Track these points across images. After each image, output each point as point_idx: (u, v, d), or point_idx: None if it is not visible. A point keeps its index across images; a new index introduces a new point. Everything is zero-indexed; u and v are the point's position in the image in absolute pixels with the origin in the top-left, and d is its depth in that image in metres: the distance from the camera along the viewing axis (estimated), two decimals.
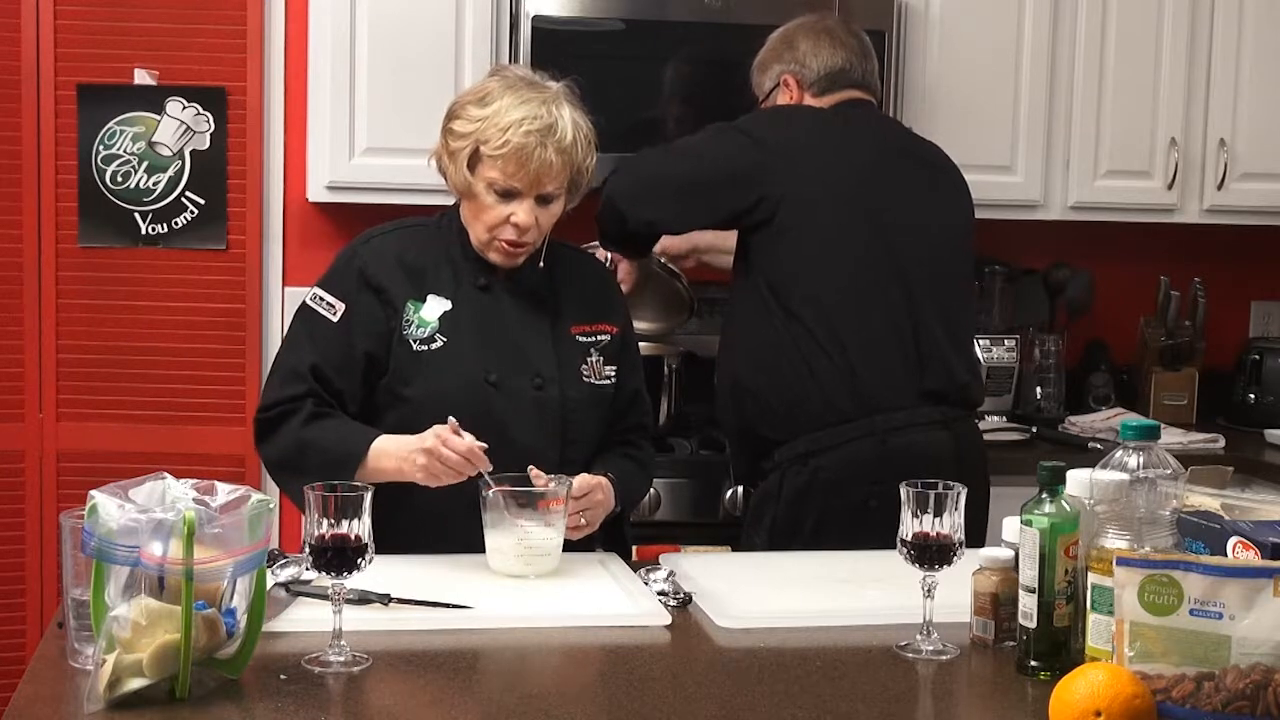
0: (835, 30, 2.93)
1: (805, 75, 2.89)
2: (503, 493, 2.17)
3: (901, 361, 2.71)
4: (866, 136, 2.86)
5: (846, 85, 2.90)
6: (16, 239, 3.53)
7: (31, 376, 3.56)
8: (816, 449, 2.69)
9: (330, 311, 2.35)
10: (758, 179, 2.73)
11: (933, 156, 2.92)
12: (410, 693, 1.74)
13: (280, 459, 2.33)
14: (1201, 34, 3.72)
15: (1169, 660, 1.63)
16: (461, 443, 2.18)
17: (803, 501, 2.69)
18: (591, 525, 2.31)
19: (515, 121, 2.27)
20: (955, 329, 2.81)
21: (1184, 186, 3.75)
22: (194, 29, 3.54)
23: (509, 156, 2.28)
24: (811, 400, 2.69)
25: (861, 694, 1.76)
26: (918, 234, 2.77)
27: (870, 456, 2.64)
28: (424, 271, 2.38)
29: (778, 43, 2.96)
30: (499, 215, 2.32)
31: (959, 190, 2.91)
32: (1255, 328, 4.18)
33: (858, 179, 2.77)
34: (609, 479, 2.34)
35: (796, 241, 2.71)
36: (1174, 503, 1.84)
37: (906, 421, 2.68)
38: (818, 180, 2.74)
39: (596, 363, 2.43)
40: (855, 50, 2.92)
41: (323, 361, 2.33)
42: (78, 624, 1.73)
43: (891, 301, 2.73)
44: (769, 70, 2.95)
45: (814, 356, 2.69)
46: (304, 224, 3.66)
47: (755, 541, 2.73)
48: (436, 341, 2.34)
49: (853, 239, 2.73)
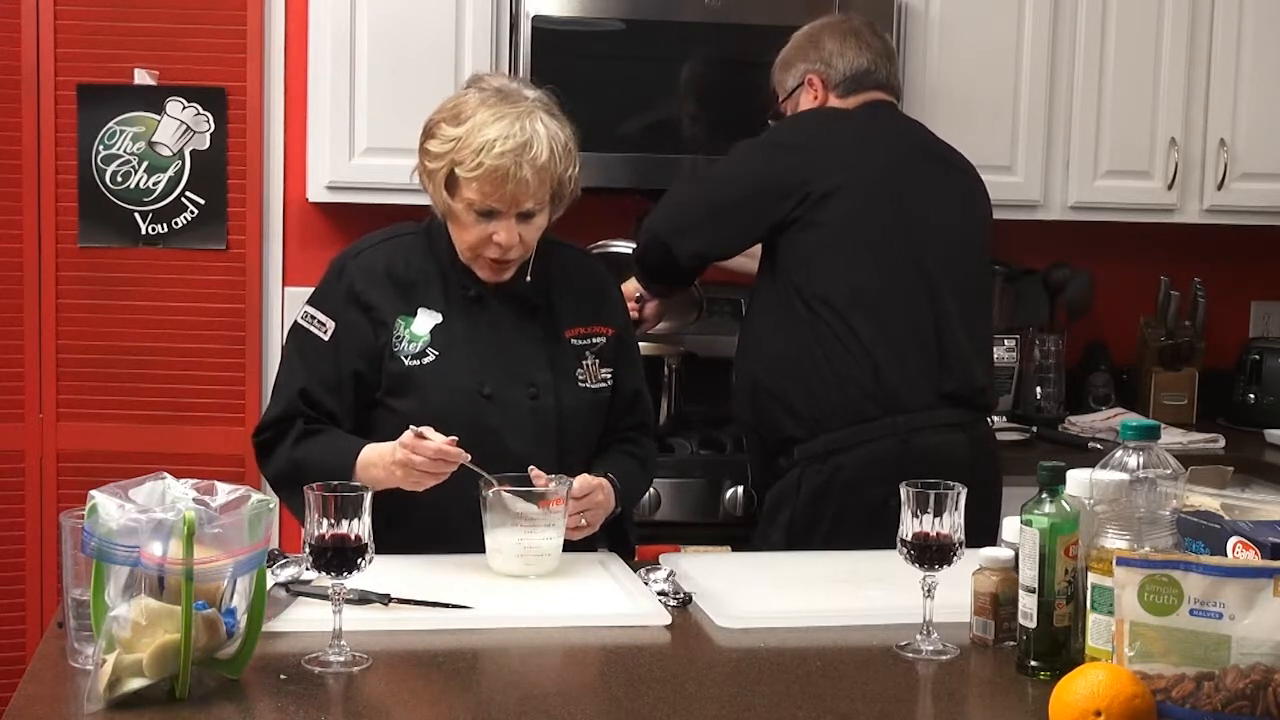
0: (861, 31, 2.94)
1: (830, 75, 2.91)
2: (503, 493, 2.17)
3: (924, 362, 2.73)
4: (892, 138, 2.87)
5: (871, 87, 2.91)
6: (16, 239, 3.54)
7: (31, 376, 3.56)
8: (837, 448, 2.70)
9: (321, 330, 2.34)
10: (793, 185, 2.75)
11: (954, 159, 2.94)
12: (410, 693, 1.74)
13: (278, 478, 2.35)
14: (1201, 34, 3.72)
15: (1169, 660, 1.63)
16: (429, 445, 2.15)
17: (821, 500, 2.70)
18: (592, 526, 2.31)
19: (488, 142, 2.22)
20: (975, 331, 2.83)
21: (1184, 186, 3.75)
22: (194, 29, 3.54)
23: (484, 178, 2.24)
24: (834, 399, 2.70)
25: (861, 694, 1.76)
26: (941, 235, 2.79)
27: (891, 456, 2.65)
28: (413, 285, 2.36)
29: (803, 41, 2.97)
30: (481, 234, 2.29)
31: (979, 193, 2.93)
32: (1255, 328, 4.18)
33: (884, 180, 2.78)
34: (610, 479, 2.34)
35: (823, 241, 2.73)
36: (1174, 503, 1.84)
37: (927, 423, 2.70)
38: (846, 180, 2.75)
39: (592, 366, 2.42)
40: (880, 52, 2.94)
41: (314, 381, 2.32)
42: (78, 624, 1.73)
43: (915, 302, 2.74)
44: (793, 68, 2.96)
45: (837, 356, 2.70)
46: (304, 224, 3.66)
47: (771, 538, 2.73)
48: (429, 356, 2.33)
49: (879, 239, 2.74)
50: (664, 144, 3.46)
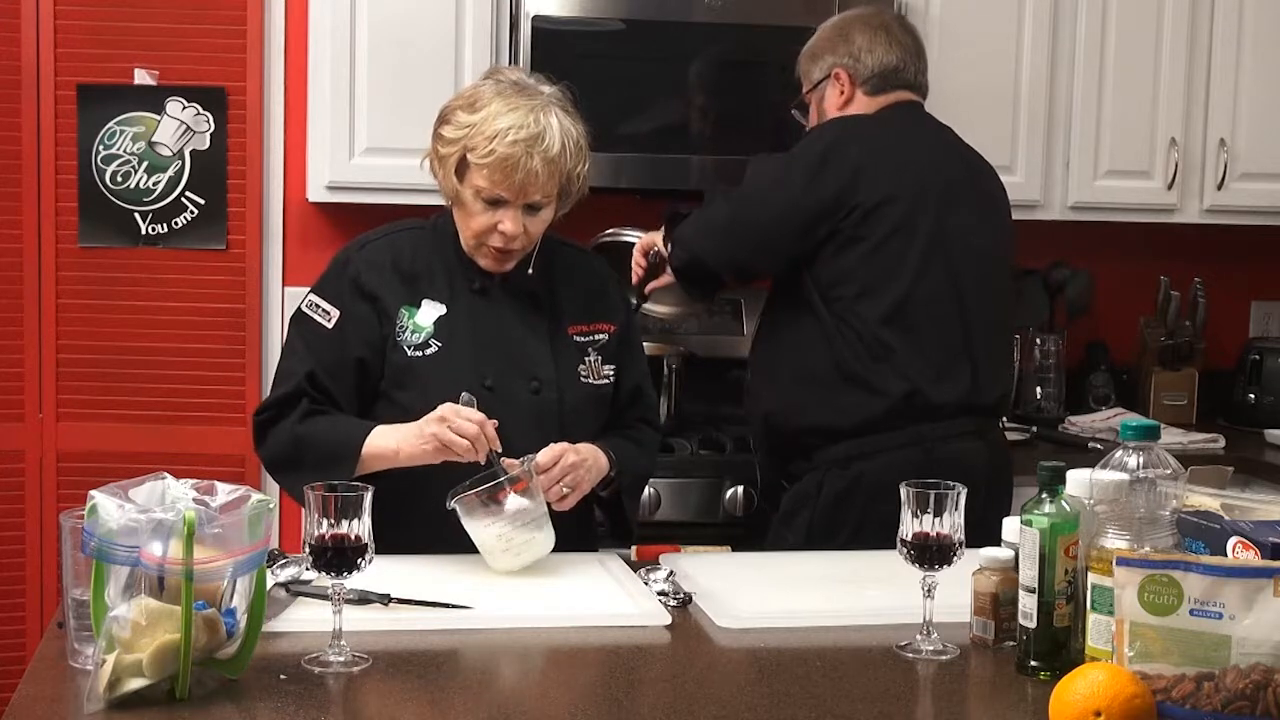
0: (892, 27, 2.89)
1: (859, 71, 2.85)
2: (464, 500, 2.17)
3: (955, 376, 2.71)
4: (927, 147, 2.82)
5: (899, 86, 2.87)
6: (16, 239, 3.54)
7: (31, 376, 3.56)
8: (860, 454, 2.68)
9: (325, 318, 2.35)
10: (839, 202, 2.69)
11: (981, 164, 2.90)
12: (410, 693, 1.74)
13: (277, 456, 2.33)
14: (1201, 34, 3.72)
15: (1169, 660, 1.63)
16: (476, 414, 2.19)
17: (843, 505, 2.68)
18: (580, 490, 2.28)
19: (501, 130, 2.25)
20: (999, 341, 2.82)
21: (1184, 186, 3.75)
22: (194, 29, 3.54)
23: (494, 166, 2.26)
24: (862, 412, 2.67)
25: (861, 694, 1.76)
26: (974, 246, 2.77)
27: (915, 464, 2.60)
28: (418, 277, 2.38)
29: (832, 33, 2.91)
30: (486, 222, 2.31)
31: (1002, 200, 2.91)
32: (1255, 328, 4.18)
33: (924, 192, 2.73)
34: (595, 445, 2.33)
35: (863, 256, 2.69)
36: (1174, 503, 1.84)
37: (949, 431, 2.69)
38: (889, 194, 2.70)
39: (595, 363, 2.43)
40: (910, 49, 2.89)
41: (319, 367, 2.33)
42: (78, 624, 1.73)
43: (948, 315, 2.72)
44: (820, 60, 2.91)
45: (864, 364, 2.68)
46: (304, 224, 3.66)
47: (788, 540, 2.71)
48: (431, 347, 2.34)
49: (918, 253, 2.70)
50: (664, 144, 3.46)
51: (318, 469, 2.17)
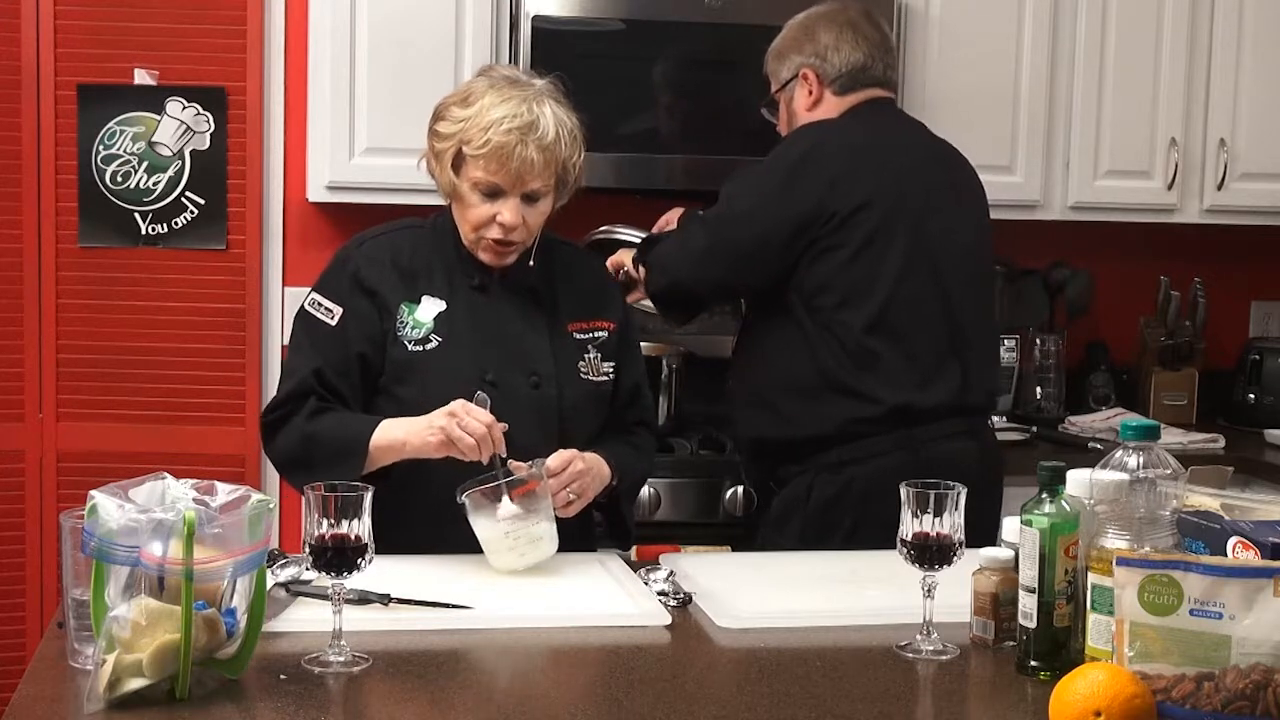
0: (858, 23, 2.86)
1: (826, 71, 2.83)
2: (475, 494, 2.18)
3: (943, 380, 2.69)
4: (900, 146, 2.80)
5: (868, 83, 2.84)
6: (16, 239, 3.54)
7: (31, 376, 3.56)
8: (850, 459, 2.66)
9: (328, 316, 2.36)
10: (816, 213, 2.67)
11: (955, 159, 2.88)
12: (410, 693, 1.74)
13: (288, 455, 2.33)
14: (1201, 34, 3.72)
15: (1169, 660, 1.63)
16: (486, 415, 2.20)
17: (834, 510, 2.66)
18: (584, 498, 2.30)
19: (496, 120, 2.27)
20: (986, 337, 2.81)
21: (1184, 186, 3.75)
22: (194, 29, 3.54)
23: (490, 155, 2.28)
24: (850, 419, 2.66)
25: (861, 694, 1.76)
26: (954, 244, 2.75)
27: (905, 468, 2.59)
28: (418, 273, 2.39)
29: (798, 31, 2.88)
30: (485, 214, 2.32)
31: (979, 192, 2.89)
32: (1255, 328, 4.19)
33: (901, 194, 2.71)
34: (597, 452, 2.33)
35: (843, 264, 2.67)
36: (1174, 503, 1.84)
37: (940, 432, 2.67)
38: (866, 200, 2.67)
39: (594, 360, 2.43)
40: (877, 44, 2.85)
41: (325, 365, 2.33)
42: (78, 624, 1.73)
43: (933, 318, 2.71)
44: (787, 60, 2.88)
45: (849, 374, 2.66)
46: (304, 224, 3.66)
47: (781, 545, 2.69)
48: (431, 342, 2.35)
49: (899, 257, 2.68)
50: (664, 144, 3.47)
51: (328, 466, 2.17)
